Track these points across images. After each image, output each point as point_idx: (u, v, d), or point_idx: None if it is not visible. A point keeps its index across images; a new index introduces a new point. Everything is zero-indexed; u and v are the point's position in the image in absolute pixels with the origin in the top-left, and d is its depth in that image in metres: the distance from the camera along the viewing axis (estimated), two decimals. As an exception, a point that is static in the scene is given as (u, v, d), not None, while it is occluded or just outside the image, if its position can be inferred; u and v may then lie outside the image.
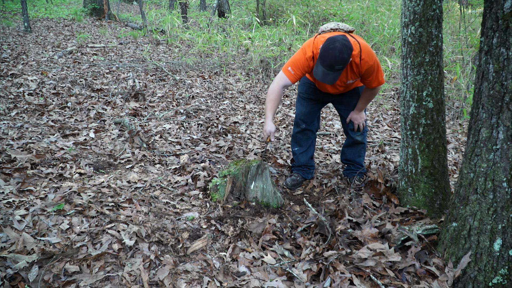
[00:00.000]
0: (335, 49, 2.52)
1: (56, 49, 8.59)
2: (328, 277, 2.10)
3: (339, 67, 2.57)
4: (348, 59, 2.57)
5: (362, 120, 3.17)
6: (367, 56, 2.73)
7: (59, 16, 14.08)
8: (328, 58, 2.54)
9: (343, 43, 2.53)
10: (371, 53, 2.76)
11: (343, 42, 2.54)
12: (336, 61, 2.53)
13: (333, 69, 2.58)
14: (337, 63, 2.54)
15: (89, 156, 3.42)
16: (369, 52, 2.75)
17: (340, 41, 2.54)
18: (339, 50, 2.51)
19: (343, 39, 2.56)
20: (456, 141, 4.74)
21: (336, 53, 2.51)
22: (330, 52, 2.53)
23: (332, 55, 2.52)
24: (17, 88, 5.29)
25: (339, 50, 2.51)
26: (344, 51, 2.52)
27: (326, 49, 2.56)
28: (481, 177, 1.95)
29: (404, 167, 2.69)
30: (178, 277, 2.08)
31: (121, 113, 4.80)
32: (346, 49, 2.53)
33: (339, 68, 2.57)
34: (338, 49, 2.51)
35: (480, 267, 1.97)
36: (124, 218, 2.49)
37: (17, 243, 2.08)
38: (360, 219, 2.63)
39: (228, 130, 4.53)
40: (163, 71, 7.18)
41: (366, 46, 2.76)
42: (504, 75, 1.77)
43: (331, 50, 2.53)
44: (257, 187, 2.89)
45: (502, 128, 1.83)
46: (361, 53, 2.71)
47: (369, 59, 2.73)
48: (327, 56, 2.55)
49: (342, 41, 2.54)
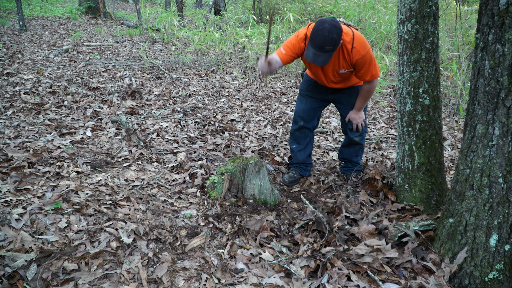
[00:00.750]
0: (324, 30, 2.54)
1: (51, 48, 8.56)
2: (325, 273, 2.11)
3: (329, 48, 2.58)
4: (337, 40, 2.58)
5: (361, 120, 3.17)
6: (360, 45, 2.73)
7: (54, 15, 14.02)
8: (317, 38, 2.56)
9: (332, 23, 2.56)
10: (364, 43, 2.76)
11: (332, 23, 2.56)
12: (326, 41, 2.55)
13: (323, 50, 2.59)
14: (326, 43, 2.55)
15: (86, 155, 3.42)
16: (362, 42, 2.75)
17: (329, 21, 2.56)
18: (328, 30, 2.53)
19: (332, 20, 2.58)
20: (453, 138, 4.76)
21: (325, 33, 2.53)
22: (320, 32, 2.55)
23: (322, 35, 2.54)
24: (13, 87, 5.27)
25: (328, 30, 2.53)
26: (334, 31, 2.54)
27: (316, 29, 2.58)
28: (477, 173, 1.96)
29: (400, 164, 2.70)
30: (176, 274, 2.08)
31: (118, 111, 4.79)
32: (335, 29, 2.55)
33: (329, 49, 2.59)
34: (327, 29, 2.53)
35: (476, 262, 1.98)
36: (122, 216, 2.50)
37: (15, 242, 2.07)
38: (357, 215, 2.64)
39: (225, 128, 4.53)
40: (160, 69, 7.17)
41: (360, 36, 2.77)
42: (500, 72, 1.79)
43: (320, 30, 2.55)
44: (255, 185, 2.90)
45: (498, 124, 1.84)
46: (354, 41, 2.72)
47: (361, 49, 2.74)
48: (317, 36, 2.57)
49: (331, 21, 2.57)
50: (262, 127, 4.81)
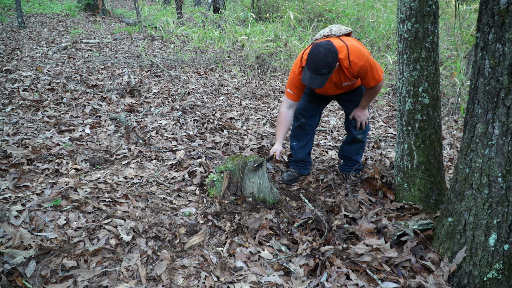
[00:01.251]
0: (319, 54, 2.60)
1: (50, 44, 8.53)
2: (324, 272, 2.11)
3: (325, 71, 2.64)
4: (332, 63, 2.63)
5: (365, 118, 3.20)
6: (356, 57, 2.76)
7: (53, 12, 13.98)
8: (313, 62, 2.63)
9: (327, 47, 2.62)
10: (360, 54, 2.78)
11: (327, 46, 2.62)
12: (321, 65, 2.60)
13: (319, 73, 2.65)
14: (322, 67, 2.61)
15: (85, 152, 3.41)
16: (358, 53, 2.77)
17: (324, 45, 2.63)
18: (323, 54, 2.59)
19: (327, 44, 2.65)
20: (451, 137, 4.77)
21: (320, 57, 2.59)
22: (315, 56, 2.61)
23: (317, 59, 2.60)
24: (12, 84, 5.26)
25: (323, 54, 2.59)
26: (329, 55, 2.60)
27: (311, 54, 2.65)
28: (477, 172, 1.96)
29: (400, 163, 2.70)
30: (175, 272, 2.08)
31: (117, 109, 4.78)
32: (330, 53, 2.61)
33: (325, 72, 2.64)
34: (322, 53, 2.60)
35: (475, 261, 1.99)
36: (121, 213, 2.49)
37: (14, 239, 2.07)
38: (357, 214, 2.64)
39: (224, 126, 4.53)
40: (159, 67, 7.15)
41: (355, 48, 2.78)
42: (500, 71, 1.79)
43: (316, 54, 2.61)
44: (254, 183, 2.90)
45: (498, 123, 1.84)
46: (349, 56, 2.76)
47: (358, 60, 2.76)
48: (312, 60, 2.63)
49: (326, 45, 2.63)
50: (261, 125, 4.80)
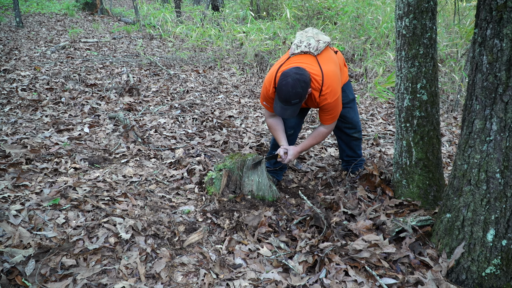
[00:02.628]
0: (287, 85, 2.53)
1: (48, 44, 8.52)
2: (323, 268, 2.12)
3: (296, 101, 2.58)
4: (303, 92, 2.56)
5: (289, 160, 2.95)
6: (330, 93, 2.69)
7: (51, 11, 13.96)
8: (282, 94, 2.56)
9: (295, 77, 2.53)
10: (334, 90, 2.70)
11: (295, 76, 2.53)
12: (291, 96, 2.54)
13: (289, 103, 2.59)
14: (292, 98, 2.55)
15: (84, 151, 3.41)
16: (332, 89, 2.69)
17: (292, 75, 2.54)
18: (291, 85, 2.52)
19: (295, 73, 2.54)
20: (450, 134, 4.77)
21: (289, 88, 2.52)
22: (283, 88, 2.54)
23: (286, 90, 2.53)
24: (10, 84, 5.25)
25: (291, 85, 2.52)
26: (297, 86, 2.52)
27: (280, 85, 2.58)
28: (475, 168, 1.96)
29: (398, 159, 2.71)
30: (174, 270, 2.09)
31: (116, 108, 4.78)
32: (299, 83, 2.53)
33: (295, 102, 2.58)
34: (290, 84, 2.52)
35: (473, 257, 1.99)
36: (120, 212, 2.50)
37: (14, 238, 2.07)
38: (355, 211, 2.65)
39: (223, 124, 4.53)
40: (157, 66, 7.15)
41: (332, 81, 2.68)
42: (498, 67, 1.79)
43: (284, 86, 2.54)
44: (253, 181, 2.90)
45: (496, 119, 1.84)
46: (322, 89, 2.68)
47: (329, 97, 2.69)
48: (281, 92, 2.56)
49: (294, 75, 2.54)
50: (260, 123, 4.80)
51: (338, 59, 2.97)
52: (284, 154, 2.94)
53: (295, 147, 2.96)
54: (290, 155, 2.92)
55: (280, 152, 2.94)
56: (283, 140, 2.98)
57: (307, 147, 3.02)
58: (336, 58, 2.92)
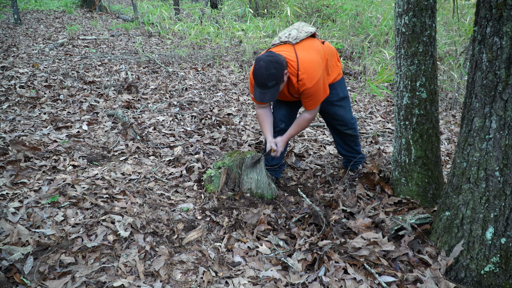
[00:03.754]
0: (261, 68, 2.55)
1: (47, 41, 8.49)
2: (322, 266, 2.12)
3: (272, 83, 2.58)
4: (278, 73, 2.56)
5: (280, 150, 2.96)
6: (307, 77, 2.68)
7: (49, 8, 13.91)
8: (257, 78, 2.58)
9: (267, 59, 2.55)
10: (312, 74, 2.69)
11: (266, 59, 2.56)
12: (265, 78, 2.55)
13: (266, 86, 2.59)
14: (267, 80, 2.55)
15: (83, 149, 3.40)
16: (310, 73, 2.68)
17: (264, 58, 2.56)
18: (264, 67, 2.53)
19: (267, 56, 2.58)
20: (449, 132, 4.77)
21: (262, 71, 2.54)
22: (257, 72, 2.57)
23: (260, 74, 2.55)
24: (8, 81, 5.23)
25: (264, 67, 2.53)
26: (270, 67, 2.53)
27: (254, 70, 2.60)
28: (474, 166, 1.96)
29: (397, 157, 2.71)
30: (173, 268, 2.09)
31: (114, 105, 4.77)
32: (272, 64, 2.54)
33: (272, 84, 2.58)
34: (263, 67, 2.54)
35: (472, 255, 1.99)
36: (119, 209, 2.49)
37: (12, 235, 2.07)
38: (354, 209, 2.65)
39: (222, 122, 4.52)
40: (156, 63, 7.13)
41: (308, 64, 2.69)
42: (497, 65, 1.78)
43: (258, 70, 2.56)
44: (252, 179, 2.90)
45: (495, 117, 1.84)
46: (299, 73, 2.68)
47: (308, 81, 2.68)
48: (256, 76, 2.59)
49: (266, 58, 2.56)
50: (259, 121, 4.80)
51: (325, 49, 2.97)
52: (275, 146, 2.96)
53: (282, 137, 2.97)
54: (280, 147, 2.95)
55: (273, 147, 2.95)
56: (268, 134, 2.99)
57: (293, 134, 3.02)
58: (320, 48, 2.91)
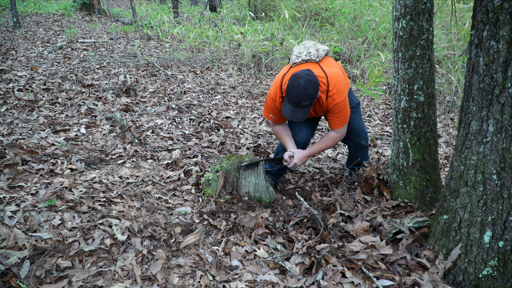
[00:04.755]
0: (299, 86, 2.50)
1: (45, 44, 8.50)
2: (320, 270, 2.11)
3: (307, 103, 2.55)
4: (314, 94, 2.54)
5: (299, 165, 2.93)
6: (337, 93, 2.68)
7: (49, 11, 13.92)
8: (293, 95, 2.52)
9: (307, 78, 2.51)
10: (341, 90, 2.69)
11: (307, 78, 2.51)
12: (302, 98, 2.51)
13: (300, 106, 2.56)
14: (303, 99, 2.52)
15: (80, 152, 3.40)
16: (339, 89, 2.68)
17: (304, 77, 2.51)
18: (303, 86, 2.49)
19: (306, 74, 2.53)
20: (447, 135, 4.77)
21: (301, 90, 2.49)
22: (295, 89, 2.51)
23: (297, 92, 2.50)
24: (7, 84, 5.23)
25: (303, 86, 2.49)
26: (309, 87, 2.50)
27: (291, 86, 2.54)
28: (472, 169, 1.96)
29: (395, 161, 2.70)
30: (170, 272, 2.08)
31: (112, 108, 4.77)
32: (311, 84, 2.51)
33: (306, 104, 2.55)
34: (302, 85, 2.49)
35: (470, 258, 1.99)
36: (116, 213, 2.48)
37: (8, 239, 2.06)
38: (352, 212, 2.64)
39: (221, 125, 4.52)
40: (155, 67, 7.13)
41: (337, 81, 2.69)
42: (494, 68, 1.79)
43: (296, 87, 2.51)
44: (250, 182, 2.89)
45: (492, 121, 1.84)
46: (329, 90, 2.67)
47: (337, 97, 2.68)
48: (292, 93, 2.53)
49: (306, 76, 2.52)
50: (257, 124, 4.80)
51: (339, 65, 2.98)
52: (289, 157, 2.90)
53: (303, 151, 2.92)
54: (296, 159, 2.88)
55: (285, 156, 2.90)
56: (290, 145, 2.93)
57: (316, 152, 2.97)
58: (337, 64, 2.93)
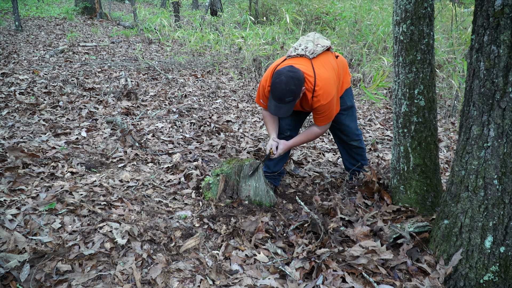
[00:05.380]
0: (281, 82, 2.53)
1: (47, 48, 8.52)
2: (320, 274, 2.11)
3: (290, 99, 2.57)
4: (297, 90, 2.55)
5: (278, 154, 2.95)
6: (323, 94, 2.67)
7: (51, 15, 13.97)
8: (276, 91, 2.56)
9: (289, 75, 2.53)
10: (328, 92, 2.68)
11: (288, 74, 2.53)
12: (284, 93, 2.53)
13: (283, 101, 2.58)
14: (286, 95, 2.54)
15: (81, 155, 3.40)
16: (325, 90, 2.68)
17: (285, 73, 2.54)
18: (285, 83, 2.52)
19: (288, 71, 2.55)
20: (448, 139, 4.77)
21: (282, 86, 2.52)
22: (277, 85, 2.54)
23: (279, 88, 2.53)
24: (8, 87, 5.24)
25: (285, 83, 2.52)
26: (291, 83, 2.52)
27: (273, 83, 2.58)
28: (472, 174, 1.96)
29: (396, 165, 2.70)
30: (170, 276, 2.07)
31: (113, 112, 4.77)
32: (293, 80, 2.52)
33: (289, 99, 2.57)
34: (284, 82, 2.52)
35: (471, 264, 1.98)
36: (116, 217, 2.48)
37: (9, 242, 2.06)
38: (353, 217, 2.64)
39: (221, 129, 4.52)
40: (156, 70, 7.15)
41: (325, 82, 2.68)
42: (495, 73, 1.79)
43: (277, 83, 2.54)
44: (250, 186, 2.89)
45: (493, 125, 1.84)
46: (315, 89, 2.67)
47: (322, 98, 2.68)
48: (275, 89, 2.56)
49: (288, 73, 2.54)
50: (258, 128, 4.80)
51: (338, 64, 2.97)
52: (275, 148, 2.93)
53: (286, 141, 2.95)
54: (280, 149, 2.93)
55: (273, 147, 2.92)
56: (273, 132, 2.98)
57: (298, 143, 3.01)
58: (334, 63, 2.91)
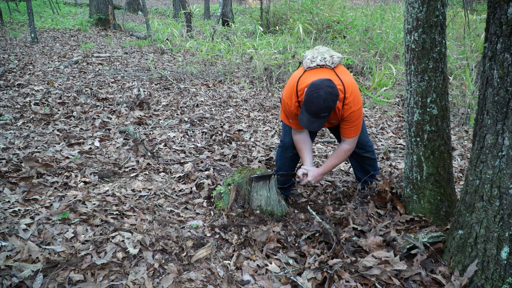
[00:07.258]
0: (319, 98, 2.43)
1: (62, 59, 8.67)
2: (333, 285, 2.08)
3: (325, 115, 2.50)
4: (333, 106, 2.49)
5: (313, 182, 2.90)
6: (353, 101, 2.65)
7: (65, 27, 14.24)
8: (313, 107, 2.46)
9: (328, 90, 2.44)
10: (357, 98, 2.67)
11: (327, 89, 2.44)
12: (322, 109, 2.46)
13: (318, 116, 2.51)
14: (322, 111, 2.47)
15: (94, 165, 3.43)
16: (355, 97, 2.65)
17: (325, 88, 2.44)
18: (323, 99, 2.43)
19: (327, 86, 2.45)
20: (462, 148, 4.71)
21: (320, 102, 2.43)
22: (315, 101, 2.44)
23: (317, 104, 2.44)
24: (24, 98, 5.34)
25: (323, 99, 2.43)
26: (329, 99, 2.44)
27: (311, 97, 2.47)
28: (487, 184, 1.93)
29: (409, 174, 2.67)
30: (182, 286, 2.07)
31: (126, 121, 4.82)
32: (331, 97, 2.45)
33: (324, 115, 2.51)
34: (322, 98, 2.43)
35: (487, 275, 1.94)
36: (129, 226, 2.49)
37: (22, 252, 2.08)
38: (365, 227, 2.61)
39: (233, 138, 4.53)
40: (168, 80, 7.22)
41: (353, 89, 2.66)
42: (509, 81, 1.76)
43: (316, 99, 2.44)
44: (261, 196, 2.88)
45: (508, 134, 1.81)
46: (345, 97, 2.63)
47: (353, 105, 2.65)
48: (312, 104, 2.47)
49: (327, 88, 2.44)
50: (269, 137, 4.80)
51: None
52: (302, 175, 2.87)
53: (317, 169, 2.86)
54: (310, 176, 2.84)
55: (299, 173, 2.87)
56: (307, 160, 2.88)
57: (330, 168, 2.91)
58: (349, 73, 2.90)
